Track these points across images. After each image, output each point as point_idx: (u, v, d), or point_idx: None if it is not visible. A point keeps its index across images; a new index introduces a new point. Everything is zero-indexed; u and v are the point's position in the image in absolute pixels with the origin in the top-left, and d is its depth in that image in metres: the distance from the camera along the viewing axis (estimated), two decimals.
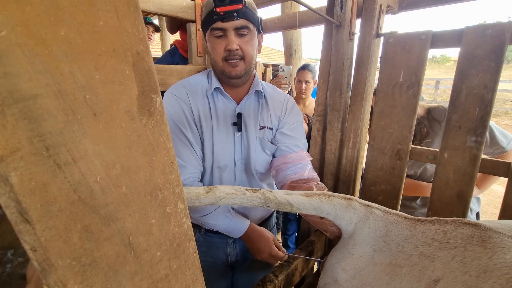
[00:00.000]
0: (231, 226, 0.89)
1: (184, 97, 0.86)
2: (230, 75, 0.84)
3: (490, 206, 3.75)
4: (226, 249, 1.03)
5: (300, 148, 0.96)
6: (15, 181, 0.18)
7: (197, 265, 0.34)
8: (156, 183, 0.28)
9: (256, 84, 0.92)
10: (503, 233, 0.44)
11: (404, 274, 0.48)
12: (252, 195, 0.56)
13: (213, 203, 0.54)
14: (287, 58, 2.86)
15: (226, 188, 0.56)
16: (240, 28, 0.79)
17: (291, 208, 0.58)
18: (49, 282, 0.21)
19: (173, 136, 0.84)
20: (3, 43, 0.17)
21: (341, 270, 0.57)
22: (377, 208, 0.60)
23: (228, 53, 0.80)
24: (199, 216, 0.89)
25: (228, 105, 0.90)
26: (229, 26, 0.78)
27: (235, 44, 0.79)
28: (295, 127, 0.98)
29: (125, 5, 0.23)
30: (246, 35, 0.81)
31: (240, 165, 0.93)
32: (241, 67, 0.83)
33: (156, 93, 0.27)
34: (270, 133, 0.95)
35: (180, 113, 0.85)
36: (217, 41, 0.81)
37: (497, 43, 0.76)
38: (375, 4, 0.92)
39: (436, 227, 0.51)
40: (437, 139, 1.17)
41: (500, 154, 1.09)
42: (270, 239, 0.91)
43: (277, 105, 0.96)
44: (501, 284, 0.38)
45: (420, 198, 1.32)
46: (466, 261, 0.43)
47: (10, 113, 0.18)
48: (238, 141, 0.91)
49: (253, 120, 0.91)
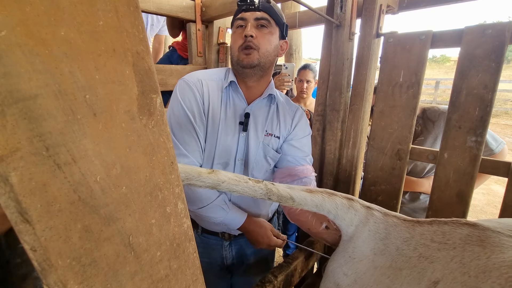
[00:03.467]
0: (228, 218, 0.89)
1: (198, 86, 0.86)
2: (242, 64, 0.84)
3: (490, 206, 3.75)
4: (222, 251, 1.02)
5: (306, 162, 0.96)
6: (15, 181, 0.18)
7: (197, 265, 0.34)
8: (156, 183, 0.28)
9: (271, 89, 0.92)
10: (502, 232, 0.44)
11: (404, 277, 0.48)
12: (254, 185, 0.55)
13: (213, 185, 0.53)
14: (287, 58, 2.86)
15: (229, 173, 0.55)
16: (260, 19, 0.82)
17: (292, 203, 0.57)
18: (49, 282, 0.21)
19: (180, 123, 0.84)
20: (3, 43, 0.17)
21: (342, 275, 0.57)
22: (378, 210, 0.59)
23: (244, 40, 0.82)
24: (196, 208, 0.87)
25: (239, 104, 0.90)
26: (249, 16, 0.82)
27: (252, 31, 0.81)
28: (304, 141, 0.97)
29: (125, 5, 0.23)
30: (265, 27, 0.83)
31: (240, 165, 0.92)
32: (254, 56, 0.83)
33: (156, 93, 0.26)
34: (276, 142, 0.94)
35: (192, 101, 0.84)
36: (238, 31, 0.85)
37: (497, 43, 0.76)
38: (375, 4, 0.92)
39: (434, 228, 0.51)
40: (430, 138, 1.24)
41: (488, 156, 1.13)
42: (267, 229, 0.91)
43: (288, 116, 0.96)
44: (500, 284, 0.38)
45: (409, 193, 1.35)
46: (465, 262, 0.43)
47: (10, 113, 0.18)
48: (242, 141, 0.90)
49: (260, 124, 0.91)
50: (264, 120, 0.91)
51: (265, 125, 0.91)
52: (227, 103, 0.88)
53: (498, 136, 1.20)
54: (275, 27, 0.85)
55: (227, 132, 0.88)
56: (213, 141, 0.88)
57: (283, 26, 0.87)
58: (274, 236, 0.92)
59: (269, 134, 0.92)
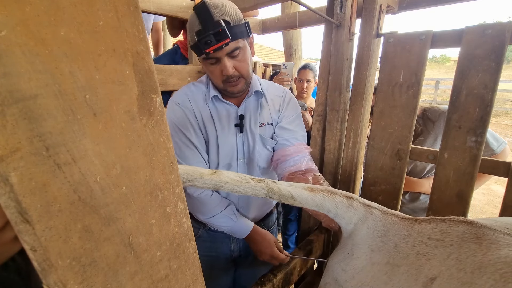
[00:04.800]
0: (235, 228, 0.92)
1: (187, 104, 0.88)
2: (232, 93, 0.86)
3: (490, 206, 3.75)
4: (230, 243, 1.05)
5: (298, 141, 0.97)
6: (15, 181, 0.18)
7: (197, 265, 0.34)
8: (156, 183, 0.28)
9: (255, 84, 0.92)
10: (498, 230, 0.45)
11: (402, 273, 0.48)
12: (256, 184, 0.55)
13: (215, 186, 0.53)
14: (287, 58, 2.86)
15: (231, 174, 0.55)
16: (232, 51, 0.77)
17: (293, 202, 0.58)
18: (49, 282, 0.21)
19: (179, 142, 0.86)
20: (3, 43, 0.17)
21: (341, 270, 0.57)
22: (377, 208, 0.60)
23: (226, 77, 0.81)
24: (205, 218, 0.91)
25: (229, 109, 0.91)
26: (221, 55, 0.77)
27: (231, 68, 0.79)
28: (293, 120, 0.99)
29: (125, 5, 0.23)
30: (239, 54, 0.79)
31: (243, 163, 0.95)
32: (241, 84, 0.85)
33: (156, 93, 0.26)
34: (270, 129, 0.96)
35: (185, 120, 0.87)
36: (212, 67, 0.81)
37: (497, 43, 0.76)
38: (375, 4, 0.92)
39: (432, 226, 0.51)
40: (430, 138, 1.24)
41: (489, 156, 1.13)
42: (272, 241, 0.93)
43: (276, 100, 0.98)
44: (495, 279, 0.39)
45: (409, 193, 1.36)
46: (462, 258, 0.44)
47: (10, 113, 0.18)
48: (240, 142, 0.93)
49: (253, 120, 0.92)
50: (256, 114, 0.93)
51: (258, 118, 0.93)
52: (217, 110, 0.90)
53: (499, 136, 1.20)
54: (243, 41, 0.79)
55: (225, 137, 0.90)
56: (215, 148, 0.90)
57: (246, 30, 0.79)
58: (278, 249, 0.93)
59: (262, 124, 0.94)
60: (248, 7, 1.32)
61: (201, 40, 0.72)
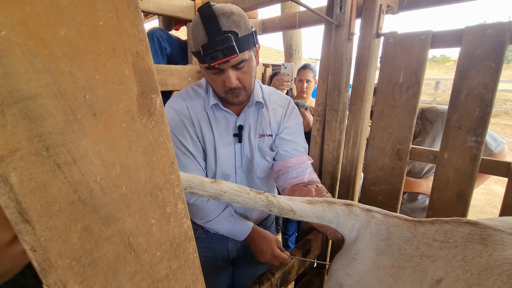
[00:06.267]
0: (234, 230, 0.91)
1: (184, 111, 0.86)
2: (233, 103, 0.84)
3: (490, 206, 3.75)
4: (228, 244, 1.04)
5: (300, 152, 0.96)
6: (15, 181, 0.18)
7: (197, 265, 0.34)
8: (156, 183, 0.28)
9: (257, 94, 0.90)
10: (503, 231, 0.45)
11: (407, 276, 0.48)
12: (256, 196, 0.55)
13: (215, 195, 0.53)
14: (287, 58, 2.86)
15: (232, 184, 0.55)
16: (237, 64, 0.74)
17: (293, 215, 0.57)
18: (49, 282, 0.21)
19: (175, 149, 0.84)
20: (3, 43, 0.17)
21: (345, 275, 0.57)
22: (378, 212, 0.60)
23: (229, 89, 0.79)
24: (202, 222, 0.91)
25: (228, 118, 0.89)
26: (225, 67, 0.74)
27: (234, 81, 0.76)
28: (294, 131, 0.98)
29: (125, 5, 0.23)
30: (244, 66, 0.76)
31: (241, 173, 0.94)
32: (243, 96, 0.82)
33: (156, 93, 0.26)
34: (269, 140, 0.95)
35: (182, 127, 0.85)
36: (214, 77, 0.78)
37: (497, 43, 0.76)
38: (375, 4, 0.92)
39: (436, 228, 0.51)
40: (428, 138, 1.24)
41: (488, 157, 1.13)
42: (272, 240, 0.92)
43: (277, 110, 0.96)
44: (502, 280, 0.38)
45: (408, 193, 1.36)
46: (467, 260, 0.43)
47: (10, 113, 0.18)
48: (238, 151, 0.91)
49: (253, 130, 0.91)
50: (256, 125, 0.92)
51: (257, 129, 0.92)
52: (216, 118, 0.88)
53: (498, 136, 1.20)
54: (249, 52, 0.76)
55: (223, 145, 0.89)
56: (212, 157, 0.89)
57: (254, 41, 0.76)
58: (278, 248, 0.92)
59: (262, 136, 0.93)
60: (248, 7, 1.32)
61: (207, 54, 0.69)
